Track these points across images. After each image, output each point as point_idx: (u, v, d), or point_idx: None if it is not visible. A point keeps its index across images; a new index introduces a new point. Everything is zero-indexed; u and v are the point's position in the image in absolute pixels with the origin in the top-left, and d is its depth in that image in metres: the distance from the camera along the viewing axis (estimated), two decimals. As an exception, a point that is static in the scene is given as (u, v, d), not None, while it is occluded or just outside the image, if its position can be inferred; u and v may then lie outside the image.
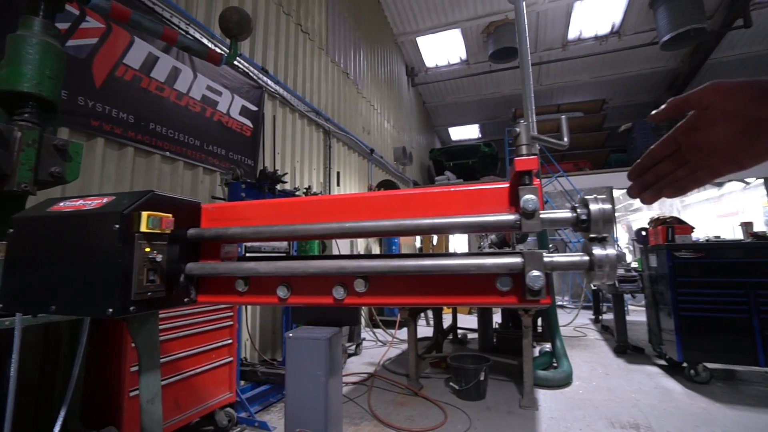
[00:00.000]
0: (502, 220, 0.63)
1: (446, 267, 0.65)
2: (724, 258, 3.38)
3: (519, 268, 0.62)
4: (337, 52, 6.45)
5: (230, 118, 3.75)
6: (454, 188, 0.70)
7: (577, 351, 4.61)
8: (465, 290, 0.69)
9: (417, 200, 0.72)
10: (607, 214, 0.60)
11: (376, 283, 0.73)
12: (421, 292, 0.71)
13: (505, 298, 0.66)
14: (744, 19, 7.87)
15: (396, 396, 3.31)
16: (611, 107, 11.28)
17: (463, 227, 0.65)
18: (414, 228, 0.67)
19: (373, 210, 0.75)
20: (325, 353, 0.71)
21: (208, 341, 2.53)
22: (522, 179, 0.64)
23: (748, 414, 2.78)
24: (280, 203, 0.82)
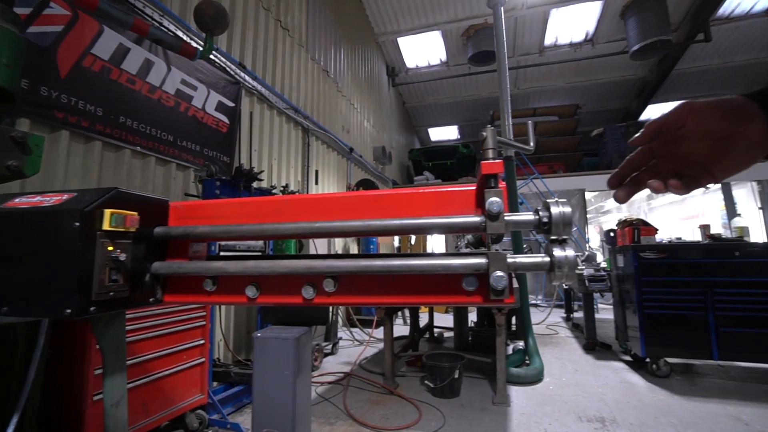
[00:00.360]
0: (468, 222, 0.65)
1: (413, 267, 0.66)
2: (685, 258, 3.56)
3: (484, 269, 0.64)
4: (318, 49, 6.40)
5: (206, 113, 3.66)
6: (424, 190, 0.72)
7: (549, 348, 4.75)
8: (433, 290, 0.70)
9: (388, 201, 0.73)
10: (567, 218, 0.62)
11: (346, 282, 0.73)
12: (390, 292, 0.72)
13: (471, 298, 0.68)
14: (705, 33, 8.32)
15: (372, 395, 3.32)
16: (584, 112, 11.66)
17: (431, 228, 0.66)
18: (383, 228, 0.68)
19: (345, 210, 0.75)
20: (294, 353, 0.70)
21: (179, 342, 2.47)
22: (488, 182, 0.66)
23: (702, 405, 2.95)
24: (251, 202, 0.81)
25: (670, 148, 0.55)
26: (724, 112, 0.51)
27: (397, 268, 0.68)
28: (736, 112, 0.50)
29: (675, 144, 0.54)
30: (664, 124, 0.54)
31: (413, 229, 0.67)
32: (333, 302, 0.74)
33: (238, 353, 3.88)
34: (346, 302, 0.74)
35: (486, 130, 0.67)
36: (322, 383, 3.63)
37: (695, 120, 0.52)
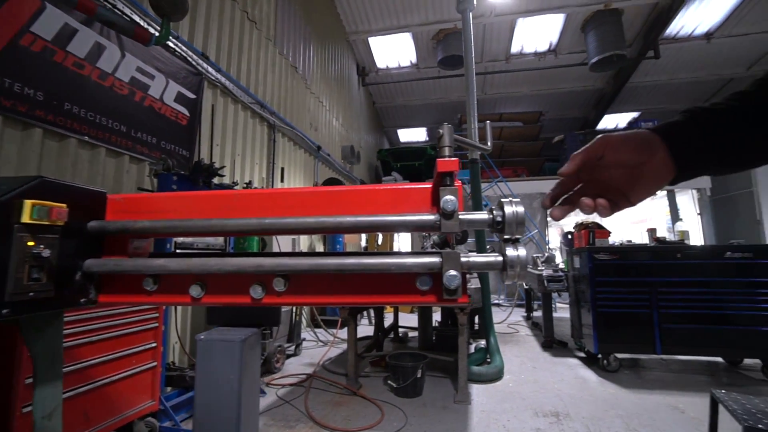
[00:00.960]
0: (423, 220, 0.64)
1: (367, 265, 0.64)
2: (634, 260, 3.79)
3: (437, 268, 0.63)
4: (286, 44, 6.25)
5: (163, 104, 3.47)
6: (380, 187, 0.70)
7: (509, 346, 4.90)
8: (387, 289, 0.69)
9: (344, 197, 0.71)
10: (520, 217, 0.63)
11: (297, 282, 0.70)
12: (344, 291, 0.70)
13: (425, 297, 0.67)
14: (654, 51, 8.93)
15: (334, 396, 3.28)
16: (547, 119, 12.15)
17: (385, 225, 0.65)
18: (337, 225, 0.66)
19: (300, 206, 0.72)
20: (239, 356, 0.66)
21: (128, 345, 2.32)
22: (443, 180, 0.65)
23: (646, 396, 3.14)
24: (198, 196, 0.76)
25: (593, 174, 0.62)
26: (634, 145, 0.58)
27: (350, 266, 0.65)
28: (644, 145, 0.58)
29: (597, 172, 0.61)
30: (586, 156, 0.60)
31: (367, 227, 0.65)
32: (283, 302, 0.71)
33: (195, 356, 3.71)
34: (297, 302, 0.71)
35: (442, 128, 0.67)
36: (283, 385, 3.54)
37: (611, 152, 0.59)
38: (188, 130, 3.83)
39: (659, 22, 8.37)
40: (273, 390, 3.45)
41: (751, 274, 3.60)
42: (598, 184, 0.61)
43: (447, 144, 0.66)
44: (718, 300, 3.60)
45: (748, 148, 0.54)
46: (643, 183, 0.58)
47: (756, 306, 3.55)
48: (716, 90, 11.29)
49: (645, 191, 0.59)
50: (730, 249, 3.69)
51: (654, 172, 0.57)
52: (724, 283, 3.62)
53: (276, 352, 4.03)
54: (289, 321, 4.59)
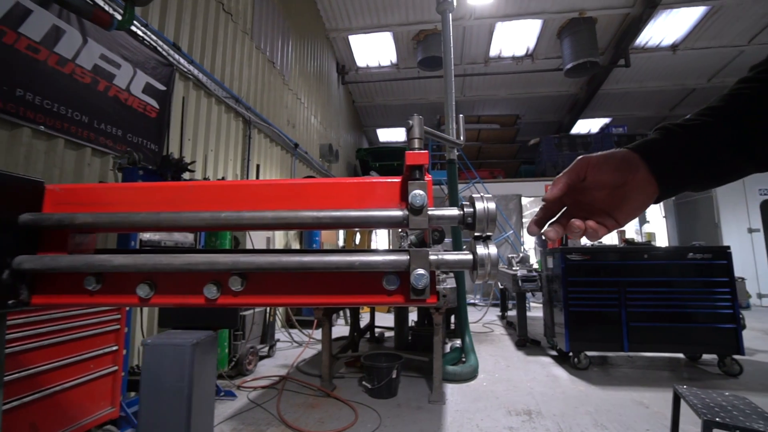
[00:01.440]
0: (390, 216, 0.60)
1: (330, 263, 0.60)
2: (604, 260, 3.90)
3: (404, 266, 0.60)
4: (263, 38, 6.10)
5: (131, 95, 3.30)
6: (345, 180, 0.66)
7: (484, 345, 4.95)
8: (352, 289, 0.65)
9: (306, 191, 0.67)
10: (491, 214, 0.60)
11: (255, 280, 0.65)
12: (306, 291, 0.65)
13: (392, 298, 0.63)
14: (625, 59, 9.27)
15: (308, 398, 3.21)
16: (523, 123, 12.41)
17: (349, 221, 0.61)
18: (295, 221, 0.61)
19: (258, 200, 0.67)
20: (190, 362, 0.61)
21: (85, 349, 2.18)
22: (413, 174, 0.62)
23: (614, 393, 3.23)
24: (147, 187, 0.70)
25: (576, 197, 0.61)
26: (615, 164, 0.57)
27: (312, 264, 0.61)
28: (624, 163, 0.56)
29: (580, 194, 0.60)
30: (569, 179, 0.59)
31: (330, 222, 0.61)
32: (240, 303, 0.66)
33: (162, 359, 3.55)
34: (255, 303, 0.66)
35: (412, 119, 0.63)
36: (255, 388, 3.44)
37: (593, 172, 0.58)
38: (157, 124, 3.66)
39: (630, 32, 8.69)
40: (244, 393, 3.34)
41: (710, 274, 3.77)
42: (582, 207, 0.61)
43: (417, 136, 0.63)
44: (679, 299, 3.75)
45: (725, 163, 0.54)
46: (628, 203, 0.57)
47: (713, 304, 3.71)
48: (681, 99, 11.85)
49: (631, 210, 0.58)
50: (692, 250, 3.85)
51: (638, 191, 0.56)
52: (686, 282, 3.78)
53: (248, 353, 3.91)
54: (262, 321, 4.47)
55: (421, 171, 0.62)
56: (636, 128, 12.59)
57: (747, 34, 9.02)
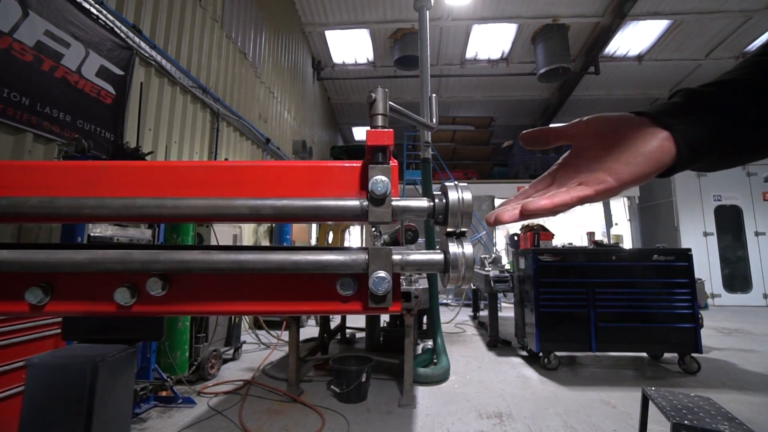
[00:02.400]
0: (344, 206, 0.50)
1: (270, 263, 0.49)
2: (574, 262, 3.95)
3: (362, 268, 0.50)
4: (235, 28, 5.85)
5: (82, 78, 3.03)
6: (295, 164, 0.55)
7: (456, 346, 4.93)
8: (301, 294, 0.54)
9: (248, 175, 0.55)
10: (467, 206, 0.51)
11: (180, 283, 0.53)
12: (245, 296, 0.54)
13: (347, 305, 0.53)
14: (595, 67, 9.58)
15: (272, 404, 3.06)
16: (497, 125, 12.61)
17: (295, 212, 0.50)
18: (231, 210, 0.50)
19: (187, 185, 0.55)
20: (88, 387, 0.48)
21: (14, 358, 1.95)
22: (375, 157, 0.52)
23: (582, 393, 3.27)
24: (42, 167, 0.56)
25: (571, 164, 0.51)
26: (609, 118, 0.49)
27: (250, 264, 0.50)
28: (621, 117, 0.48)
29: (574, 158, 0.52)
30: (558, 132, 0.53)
31: (270, 214, 0.50)
32: (161, 311, 0.53)
33: (114, 365, 3.29)
34: (180, 311, 0.54)
35: (376, 91, 0.53)
36: (216, 394, 3.25)
37: (585, 126, 0.50)
38: (114, 111, 3.40)
39: (600, 41, 8.97)
40: (205, 399, 3.15)
41: (672, 275, 3.89)
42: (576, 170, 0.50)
43: (380, 111, 0.53)
44: (644, 299, 3.85)
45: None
46: (630, 149, 0.45)
47: (674, 305, 3.84)
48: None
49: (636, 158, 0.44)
50: (657, 252, 3.97)
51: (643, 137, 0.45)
52: (650, 284, 3.89)
53: (211, 357, 3.70)
54: (227, 323, 4.26)
55: (384, 154, 0.52)
56: (603, 134, 13.06)
57: (705, 48, 9.52)
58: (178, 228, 3.65)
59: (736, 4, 8.11)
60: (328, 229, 6.84)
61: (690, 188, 9.26)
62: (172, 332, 3.41)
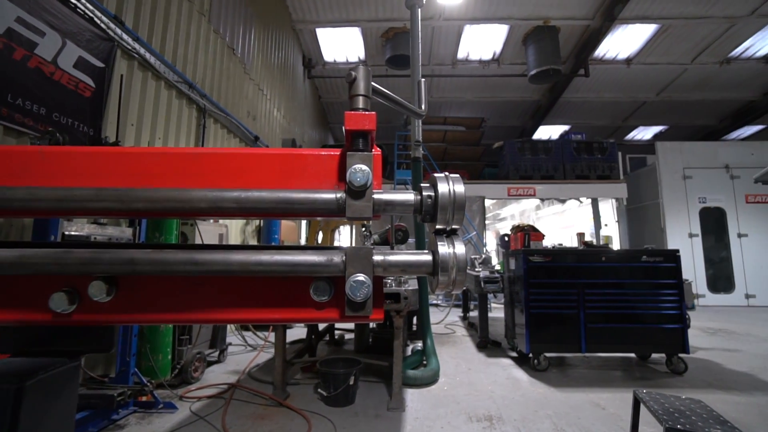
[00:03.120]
0: (319, 199, 0.43)
1: (232, 264, 0.43)
2: (565, 262, 3.93)
3: (339, 270, 0.43)
4: (223, 22, 5.72)
5: (58, 69, 2.91)
6: (265, 151, 0.49)
7: (446, 347, 4.89)
8: (268, 300, 0.47)
9: (210, 164, 0.48)
10: (459, 199, 0.45)
11: (129, 287, 0.46)
12: (204, 303, 0.47)
13: (322, 312, 0.46)
14: (585, 69, 9.66)
15: (258, 408, 2.97)
16: (488, 126, 12.63)
17: (264, 205, 0.43)
18: (186, 204, 0.43)
19: (140, 174, 0.48)
20: (9, 413, 0.41)
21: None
22: (354, 143, 0.46)
23: (572, 395, 3.24)
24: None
25: None
26: None
27: (208, 264, 0.43)
28: None
29: None
30: None
31: (233, 208, 0.43)
32: (107, 320, 0.46)
33: (93, 369, 3.17)
34: (128, 319, 0.47)
35: (356, 69, 0.47)
36: (200, 398, 3.15)
37: None
38: (93, 104, 3.27)
39: (590, 44, 9.04)
40: (187, 404, 3.04)
41: (661, 276, 3.90)
42: None
43: (362, 92, 0.47)
44: (633, 300, 3.85)
45: None
46: None
47: (663, 306, 3.85)
48: (632, 111, 12.56)
49: None
50: (645, 253, 3.97)
51: None
52: (639, 284, 3.89)
53: (194, 359, 3.59)
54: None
55: (366, 140, 0.46)
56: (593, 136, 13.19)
57: (691, 53, 9.67)
58: (161, 226, 3.53)
59: (720, 10, 8.25)
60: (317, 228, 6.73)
61: (676, 190, 9.40)
62: (153, 334, 3.29)
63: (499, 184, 10.02)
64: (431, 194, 0.45)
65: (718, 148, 9.80)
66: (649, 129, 13.98)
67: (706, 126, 13.56)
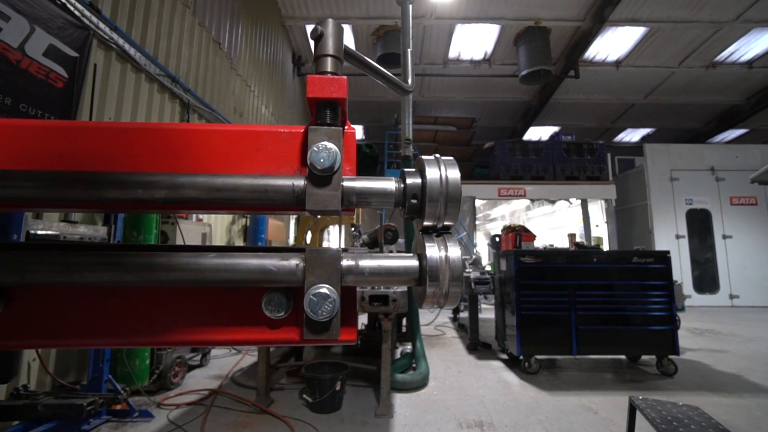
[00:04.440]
0: (269, 186, 0.33)
1: (157, 269, 0.32)
2: (556, 263, 3.88)
3: (298, 279, 0.33)
4: (209, 15, 5.56)
5: (26, 57, 2.73)
6: (211, 127, 0.38)
7: (436, 350, 4.80)
8: (211, 316, 0.37)
9: (140, 140, 0.37)
10: (454, 188, 0.35)
11: (24, 299, 0.35)
12: (125, 321, 0.36)
13: (278, 333, 0.36)
14: (575, 71, 9.70)
15: (239, 415, 2.84)
16: (479, 127, 12.63)
17: (197, 193, 0.33)
18: (98, 193, 0.32)
19: (68, 153, 0.37)
20: None
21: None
22: (321, 115, 0.35)
23: (564, 398, 3.18)
24: None
25: None
26: None
27: (125, 270, 0.32)
28: None
29: None
30: None
31: (154, 200, 0.32)
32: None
33: (64, 376, 3.00)
34: (19, 344, 0.36)
35: (324, 24, 0.37)
36: (178, 405, 3.00)
37: None
38: (65, 96, 3.10)
39: (580, 45, 9.07)
40: (165, 412, 2.90)
41: (651, 277, 3.87)
42: None
43: (330, 52, 0.36)
44: (623, 302, 3.82)
45: None
46: None
47: (653, 307, 3.82)
48: (621, 113, 12.68)
49: None
50: (636, 254, 3.95)
51: None
52: (630, 286, 3.86)
53: (174, 364, 3.44)
54: (194, 328, 3.99)
55: (334, 111, 0.35)
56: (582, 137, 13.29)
57: (678, 56, 9.79)
58: (139, 224, 3.37)
59: (707, 15, 8.35)
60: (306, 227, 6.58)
61: (663, 192, 9.49)
62: (129, 338, 3.13)
63: (490, 185, 10.00)
64: (418, 182, 0.35)
65: (704, 150, 9.93)
66: (637, 131, 14.14)
67: (692, 129, 13.77)
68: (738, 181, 9.23)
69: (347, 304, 0.35)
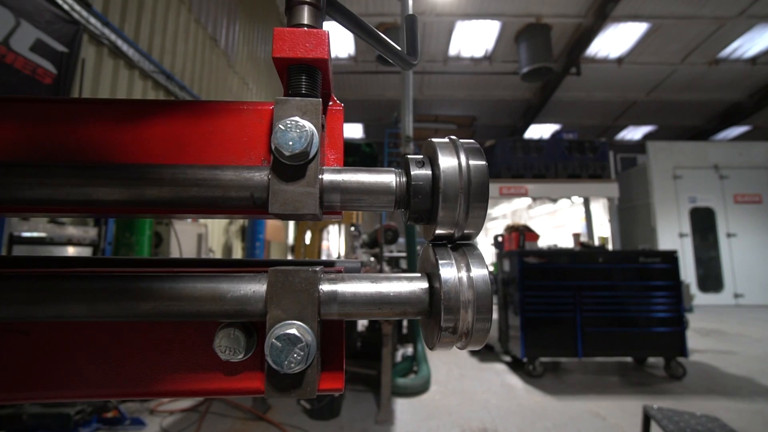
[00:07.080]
0: (216, 179, 0.23)
1: (62, 298, 0.22)
2: (561, 264, 3.78)
3: (255, 313, 0.23)
4: (205, 12, 5.45)
5: (11, 51, 2.64)
6: (152, 103, 0.28)
7: (437, 352, 4.70)
8: (145, 360, 0.27)
9: (57, 125, 0.28)
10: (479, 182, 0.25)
11: None
12: (36, 365, 0.27)
13: (236, 381, 0.26)
14: (576, 68, 9.58)
15: (235, 423, 2.75)
16: (479, 125, 12.53)
17: (103, 195, 0.23)
18: None
19: None
20: None
21: None
22: (294, 82, 0.25)
23: (570, 403, 3.09)
24: None
25: None
26: None
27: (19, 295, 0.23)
28: None
29: None
30: None
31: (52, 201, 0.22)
32: None
33: (53, 381, 2.90)
34: None
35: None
36: (171, 412, 2.91)
37: None
38: (54, 92, 3.00)
39: (582, 42, 8.95)
40: (158, 419, 2.80)
41: (658, 278, 3.77)
42: None
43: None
44: (630, 303, 3.72)
45: None
46: None
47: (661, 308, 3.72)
48: (623, 111, 12.56)
49: None
50: (642, 254, 3.85)
51: None
52: (636, 287, 3.76)
53: (169, 369, 3.35)
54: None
55: (312, 78, 0.26)
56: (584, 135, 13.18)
57: (681, 53, 9.67)
58: (132, 224, 3.27)
59: (711, 11, 8.23)
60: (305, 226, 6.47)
61: (666, 190, 9.38)
62: (122, 343, 3.04)
63: (491, 183, 9.87)
64: (427, 173, 0.25)
65: (707, 148, 9.82)
66: (638, 129, 14.03)
67: (695, 126, 13.66)
68: (742, 179, 9.12)
69: (330, 343, 0.25)
